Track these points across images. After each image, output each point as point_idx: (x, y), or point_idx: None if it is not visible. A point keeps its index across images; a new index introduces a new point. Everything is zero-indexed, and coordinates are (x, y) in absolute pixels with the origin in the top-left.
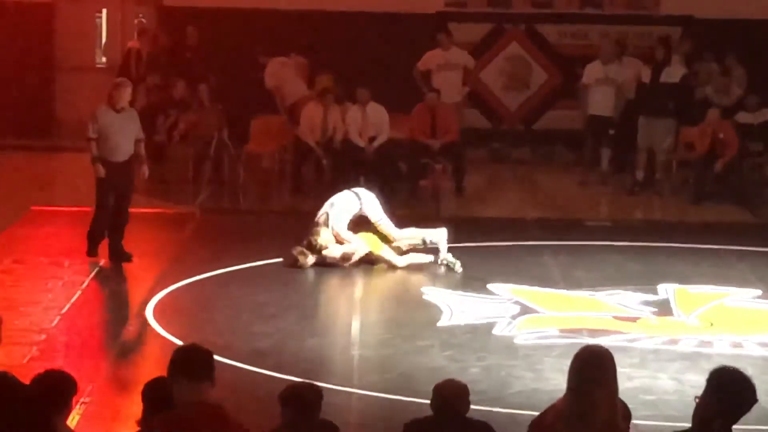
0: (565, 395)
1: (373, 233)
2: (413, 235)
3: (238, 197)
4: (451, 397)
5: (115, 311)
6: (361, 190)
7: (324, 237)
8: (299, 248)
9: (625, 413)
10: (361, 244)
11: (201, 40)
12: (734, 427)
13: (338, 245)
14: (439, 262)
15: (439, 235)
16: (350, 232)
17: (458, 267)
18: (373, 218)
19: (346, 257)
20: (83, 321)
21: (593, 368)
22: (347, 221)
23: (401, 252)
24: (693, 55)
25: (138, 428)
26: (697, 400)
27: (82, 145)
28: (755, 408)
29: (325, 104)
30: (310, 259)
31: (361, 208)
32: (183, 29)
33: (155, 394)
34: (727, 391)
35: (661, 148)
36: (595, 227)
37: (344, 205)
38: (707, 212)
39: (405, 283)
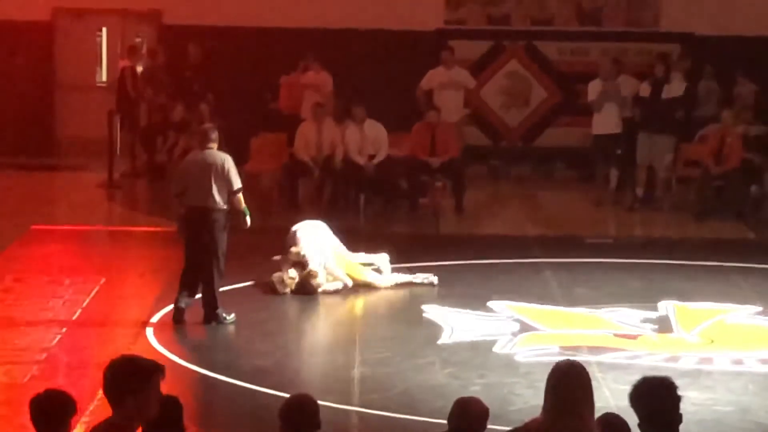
0: (546, 414)
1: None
2: (363, 260)
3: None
4: (472, 417)
5: (116, 330)
6: (315, 222)
7: (319, 277)
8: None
9: (621, 427)
10: (345, 278)
11: (203, 57)
12: None
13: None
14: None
15: (380, 260)
16: (337, 268)
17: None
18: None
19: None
20: (84, 340)
21: (575, 385)
22: (327, 254)
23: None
24: (693, 72)
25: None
26: None
27: (81, 163)
28: (756, 425)
29: (319, 120)
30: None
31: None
32: (183, 47)
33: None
34: (641, 407)
35: (662, 164)
36: (596, 244)
37: (312, 239)
38: (708, 229)
39: (405, 301)
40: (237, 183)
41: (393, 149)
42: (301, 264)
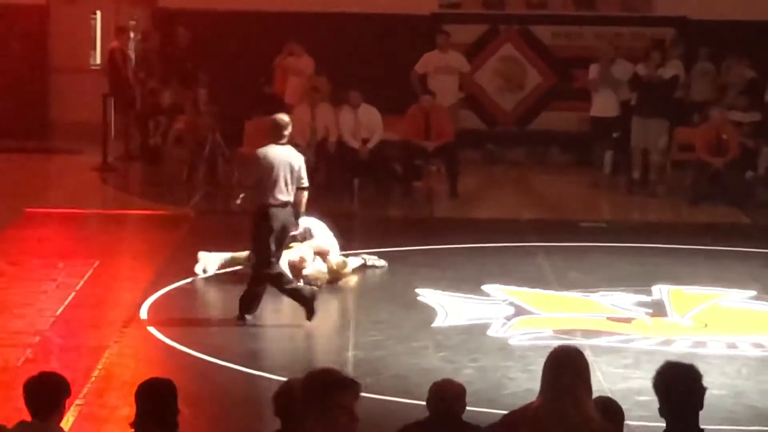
0: (543, 399)
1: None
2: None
3: (232, 199)
4: (449, 397)
5: (110, 313)
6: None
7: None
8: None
9: (617, 413)
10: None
11: (194, 41)
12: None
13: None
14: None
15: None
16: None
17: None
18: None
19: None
20: (77, 323)
21: (571, 369)
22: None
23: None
24: (688, 55)
25: (131, 430)
26: None
27: (75, 146)
28: (750, 409)
29: (313, 104)
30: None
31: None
32: (177, 31)
33: (149, 396)
34: (668, 392)
35: (655, 148)
36: (590, 228)
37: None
38: (702, 213)
39: (399, 284)
40: (306, 180)
41: (388, 133)
42: (322, 254)
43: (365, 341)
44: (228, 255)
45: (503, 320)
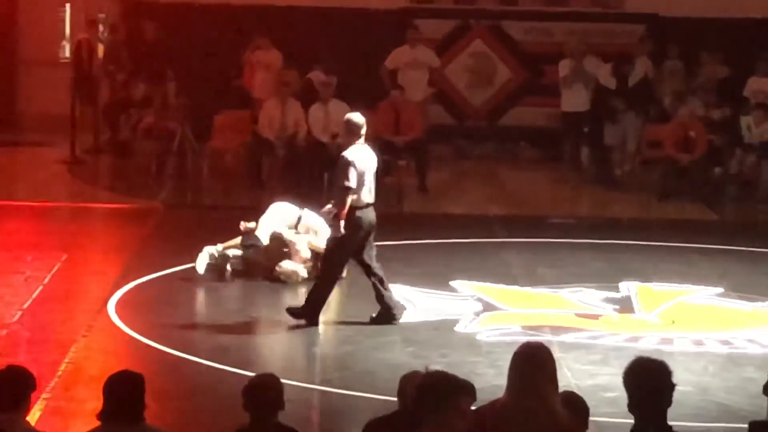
0: (510, 395)
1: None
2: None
3: (201, 192)
4: None
5: (78, 306)
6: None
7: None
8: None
9: (581, 407)
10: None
11: (163, 34)
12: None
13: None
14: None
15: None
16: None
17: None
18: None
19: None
20: (45, 316)
21: (537, 365)
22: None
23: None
24: (657, 53)
25: (98, 423)
26: None
27: (44, 139)
28: (716, 405)
29: (283, 99)
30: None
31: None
32: (145, 24)
33: (118, 388)
34: (637, 388)
35: (633, 144)
36: (558, 224)
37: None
38: (670, 210)
39: (367, 279)
40: None
41: None
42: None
43: (333, 336)
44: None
45: (472, 316)
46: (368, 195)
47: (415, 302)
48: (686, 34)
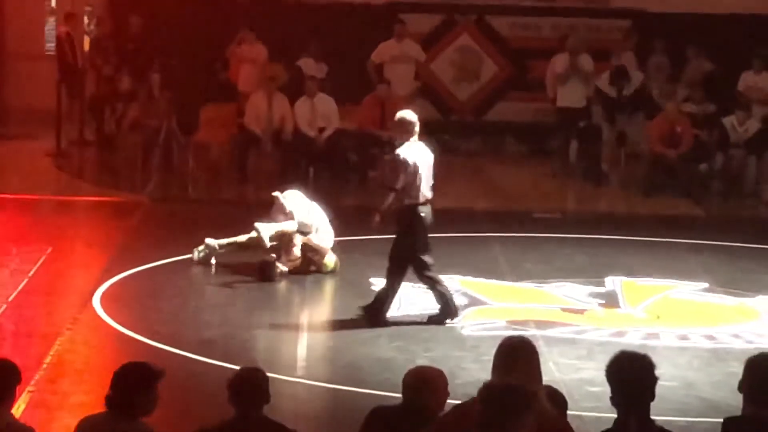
0: None
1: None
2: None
3: (187, 186)
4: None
5: (62, 299)
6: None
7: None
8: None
9: (559, 399)
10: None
11: (148, 27)
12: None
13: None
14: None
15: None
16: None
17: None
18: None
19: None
20: (30, 309)
21: (521, 359)
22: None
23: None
24: (642, 48)
25: (104, 406)
26: None
27: (29, 131)
28: (700, 400)
29: (270, 93)
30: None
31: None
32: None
33: (125, 379)
34: (620, 381)
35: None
36: (544, 219)
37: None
38: (656, 205)
39: (353, 273)
40: None
41: (343, 122)
42: (319, 252)
43: (318, 330)
44: (225, 241)
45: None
46: (427, 191)
47: (401, 296)
48: (672, 29)
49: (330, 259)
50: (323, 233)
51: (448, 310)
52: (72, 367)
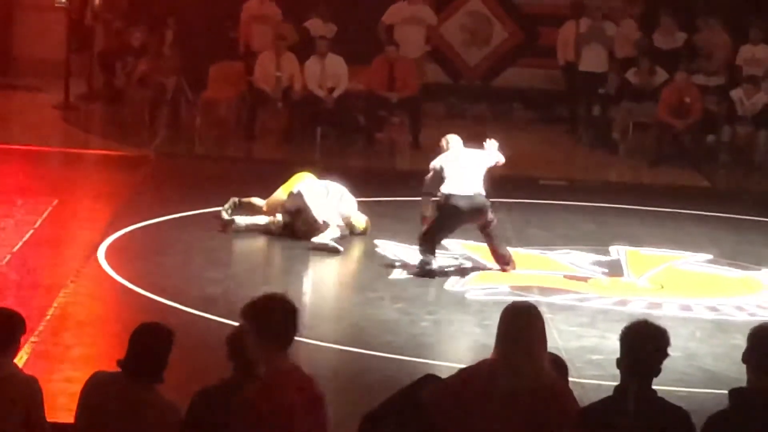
0: (498, 355)
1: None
2: None
3: (194, 142)
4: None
5: (67, 252)
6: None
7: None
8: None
9: (560, 365)
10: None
11: None
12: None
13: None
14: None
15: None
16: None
17: None
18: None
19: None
20: (34, 260)
21: (526, 324)
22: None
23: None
24: (646, 16)
25: (117, 367)
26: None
27: (38, 83)
28: (702, 371)
29: (279, 52)
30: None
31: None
32: None
33: (142, 341)
34: (632, 347)
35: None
36: (550, 186)
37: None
38: (663, 175)
39: (358, 234)
40: None
41: (352, 83)
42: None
43: (322, 290)
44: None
45: (461, 274)
46: (458, 184)
47: (405, 259)
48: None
49: (359, 220)
50: (345, 202)
51: (422, 272)
52: (75, 319)
